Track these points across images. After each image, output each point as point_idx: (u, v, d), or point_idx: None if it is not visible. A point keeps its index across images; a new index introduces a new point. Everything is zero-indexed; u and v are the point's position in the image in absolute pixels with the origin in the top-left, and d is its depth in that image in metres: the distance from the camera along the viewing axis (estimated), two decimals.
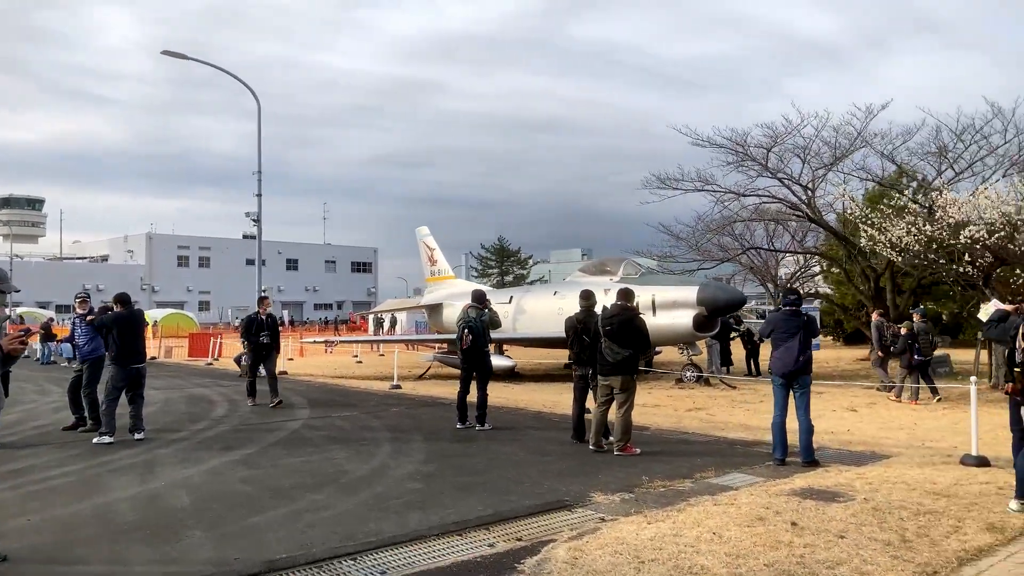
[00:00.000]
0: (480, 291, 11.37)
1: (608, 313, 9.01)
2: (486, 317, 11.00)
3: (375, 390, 16.72)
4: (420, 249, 28.23)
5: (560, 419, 11.94)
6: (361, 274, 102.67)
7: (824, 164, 22.65)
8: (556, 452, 9.08)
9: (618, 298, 9.20)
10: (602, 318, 9.02)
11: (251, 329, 13.81)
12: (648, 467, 8.10)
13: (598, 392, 9.18)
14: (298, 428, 11.17)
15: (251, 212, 23.10)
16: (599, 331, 9.02)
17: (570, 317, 9.86)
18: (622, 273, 20.04)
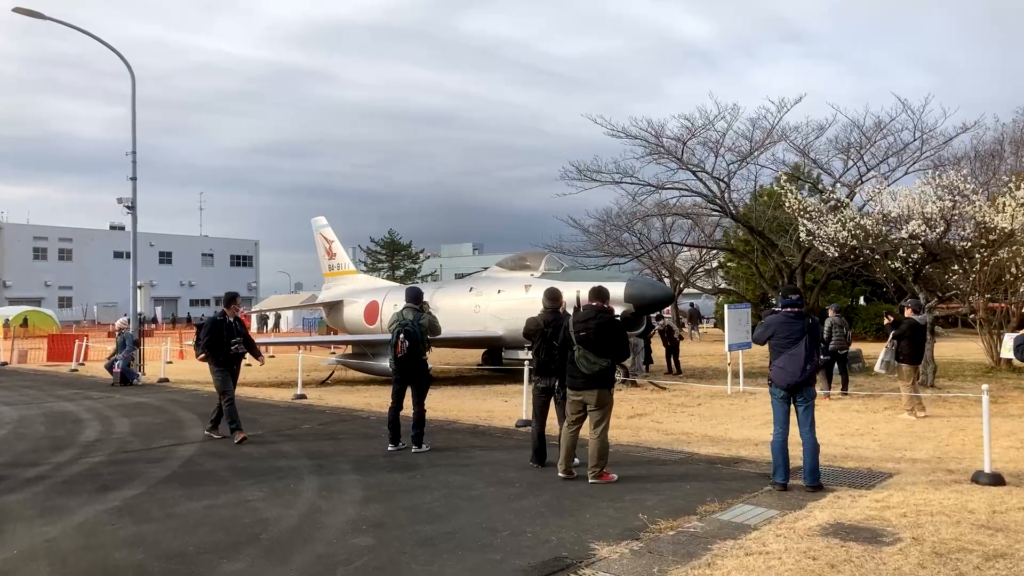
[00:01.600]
0: (417, 290, 9.77)
1: (582, 316, 7.65)
2: (425, 320, 9.42)
3: (276, 401, 14.73)
4: (316, 241, 26.05)
5: (503, 434, 10.51)
6: (241, 268, 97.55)
7: (740, 157, 22.28)
8: (521, 482, 7.64)
9: (590, 297, 7.85)
10: (574, 322, 7.65)
11: (220, 337, 10.36)
12: (638, 500, 6.80)
13: (567, 408, 7.81)
14: (192, 455, 9.23)
15: (124, 198, 20.34)
16: (569, 337, 7.64)
17: (534, 319, 8.42)
18: (544, 268, 18.85)
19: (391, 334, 9.36)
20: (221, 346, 10.30)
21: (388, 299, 21.81)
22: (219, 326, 10.42)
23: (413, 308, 9.53)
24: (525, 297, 18.47)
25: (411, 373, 9.35)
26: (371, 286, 24.14)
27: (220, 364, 10.37)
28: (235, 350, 10.42)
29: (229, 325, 10.48)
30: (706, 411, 13.13)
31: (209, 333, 10.37)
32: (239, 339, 10.47)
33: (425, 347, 9.42)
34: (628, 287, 17.07)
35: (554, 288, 8.62)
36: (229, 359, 10.46)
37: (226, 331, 10.39)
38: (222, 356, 10.35)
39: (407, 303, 9.60)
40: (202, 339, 10.44)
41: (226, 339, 10.35)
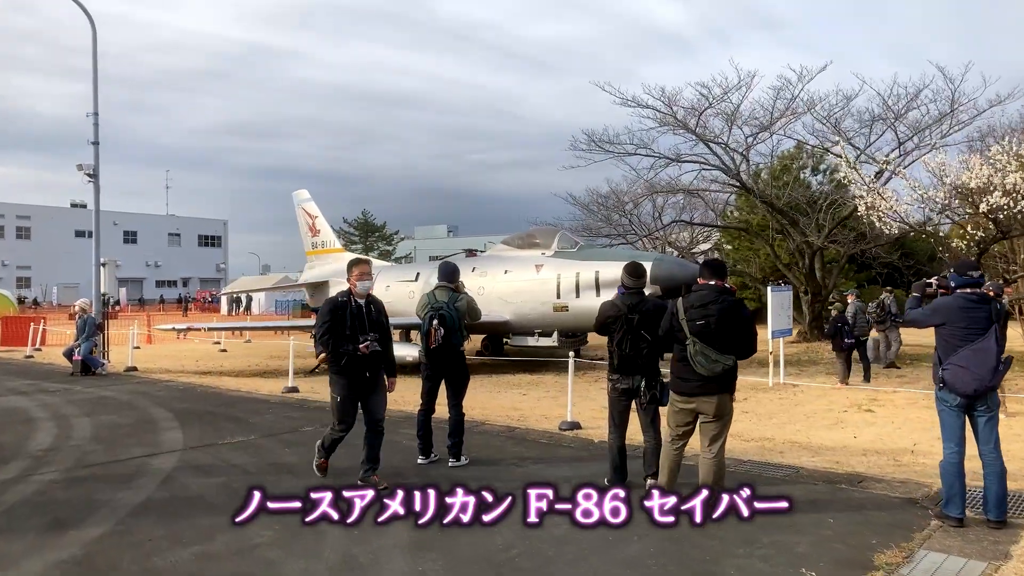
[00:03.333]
0: (451, 265, 7.93)
1: (697, 299, 5.87)
2: (462, 303, 7.60)
3: (264, 395, 12.81)
4: (298, 217, 23.96)
5: (549, 440, 8.76)
6: (209, 248, 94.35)
7: (759, 128, 20.64)
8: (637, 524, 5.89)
9: (703, 275, 6.08)
10: (687, 307, 5.88)
11: (342, 327, 6.65)
12: (782, 543, 5.09)
13: (672, 420, 6.07)
14: (172, 471, 7.34)
15: (85, 164, 18.10)
16: (677, 328, 5.88)
17: (611, 303, 6.63)
18: (557, 245, 17.08)
19: (422, 320, 7.54)
20: (343, 342, 6.60)
21: (380, 280, 19.87)
22: (340, 311, 6.65)
23: (447, 288, 7.71)
24: (536, 278, 16.72)
25: (447, 368, 7.54)
26: None
27: (343, 371, 6.66)
28: (366, 348, 6.55)
29: (359, 311, 6.68)
30: (758, 407, 11.54)
31: (327, 322, 6.67)
32: (373, 335, 6.63)
33: (463, 336, 7.61)
34: (655, 267, 15.35)
35: (637, 263, 6.82)
36: (357, 364, 6.61)
37: (352, 318, 6.61)
38: (346, 359, 6.63)
39: (440, 282, 7.78)
40: (318, 330, 6.79)
41: (350, 331, 6.59)
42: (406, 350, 16.39)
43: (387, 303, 19.34)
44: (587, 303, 15.92)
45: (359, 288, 6.83)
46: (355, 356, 6.59)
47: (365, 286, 6.88)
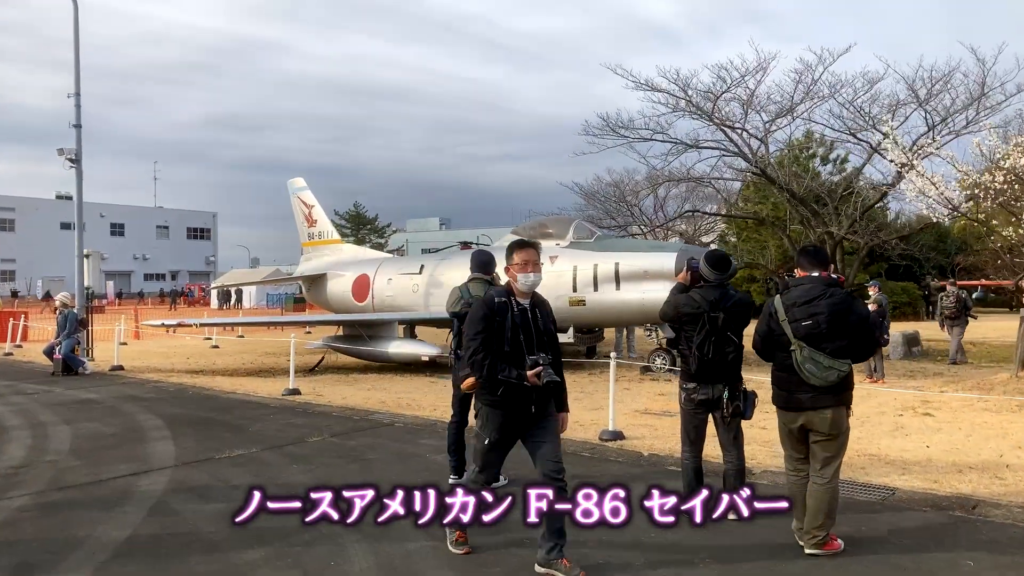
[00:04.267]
0: (486, 255, 6.86)
1: (803, 295, 4.85)
2: None
3: (263, 397, 11.72)
4: (294, 206, 22.81)
5: (592, 452, 7.73)
6: (198, 241, 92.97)
7: (784, 110, 19.65)
8: (700, 548, 4.88)
9: (802, 265, 5.06)
10: (788, 305, 4.87)
11: (496, 338, 4.49)
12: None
13: (785, 441, 5.05)
14: (163, 494, 6.28)
15: (66, 149, 16.90)
16: (776, 330, 4.87)
17: (687, 297, 5.58)
18: (572, 236, 16.05)
19: (454, 318, 6.48)
20: (503, 364, 4.45)
21: (381, 273, 18.82)
22: (499, 317, 4.51)
23: (483, 280, 6.66)
24: (550, 270, 15.62)
25: None
26: (360, 257, 21.08)
27: (499, 404, 4.54)
28: (537, 378, 4.40)
29: (524, 317, 4.57)
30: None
31: (480, 333, 4.50)
32: (545, 357, 4.48)
33: None
34: (680, 258, 14.38)
35: (720, 252, 5.79)
36: (521, 396, 4.48)
37: (514, 329, 4.50)
38: (502, 387, 4.48)
39: (474, 273, 6.72)
40: (468, 344, 4.59)
41: (511, 347, 4.47)
42: (416, 348, 15.37)
43: (389, 297, 18.46)
44: (606, 297, 14.92)
45: (523, 284, 4.58)
46: (520, 386, 4.43)
47: (531, 281, 4.57)
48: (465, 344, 4.68)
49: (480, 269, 6.70)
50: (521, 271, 4.63)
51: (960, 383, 13.13)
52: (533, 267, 4.62)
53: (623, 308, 14.92)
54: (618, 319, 15.69)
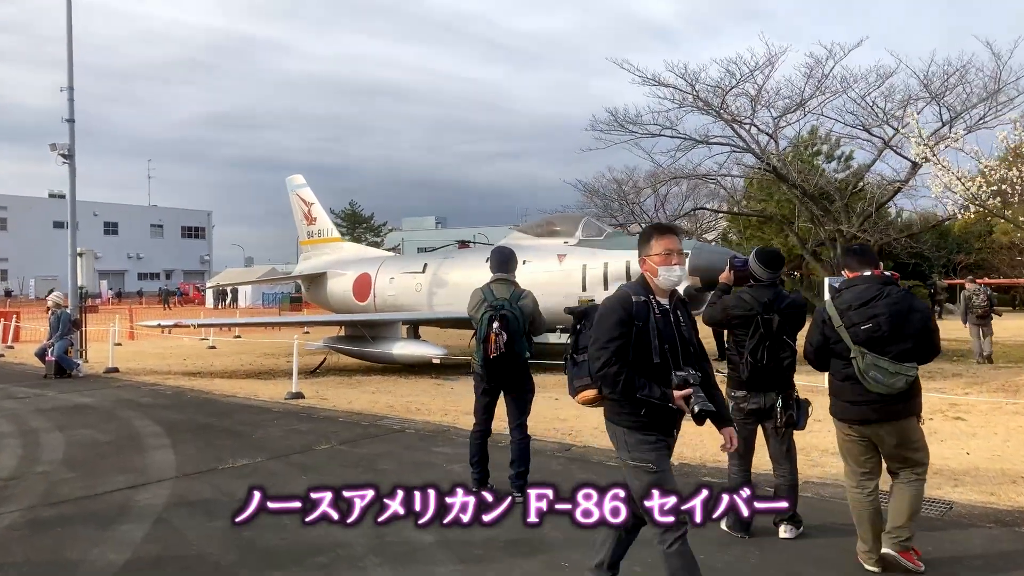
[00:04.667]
0: (507, 252, 6.38)
1: (857, 297, 4.42)
2: (528, 301, 6.06)
3: (264, 402, 11.25)
4: (292, 204, 22.32)
5: (619, 461, 7.26)
6: (193, 240, 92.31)
7: (794, 106, 19.25)
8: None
9: (851, 265, 4.63)
10: (844, 308, 4.43)
11: (638, 346, 3.56)
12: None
13: (847, 453, 4.61)
14: (164, 510, 5.82)
15: (59, 144, 16.40)
16: (832, 336, 4.44)
17: (736, 297, 5.14)
18: (581, 233, 15.61)
19: (478, 322, 6.02)
20: (644, 381, 3.55)
21: (383, 271, 18.35)
22: (640, 321, 3.58)
23: (507, 281, 6.19)
24: (558, 269, 15.24)
25: (507, 381, 6.03)
26: (361, 255, 20.61)
27: (645, 424, 3.60)
28: (684, 400, 3.55)
29: (666, 320, 3.66)
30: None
31: (616, 340, 3.56)
32: (695, 373, 3.63)
33: (529, 342, 6.09)
34: (694, 258, 13.96)
35: (772, 249, 5.35)
36: (663, 417, 3.62)
37: (658, 336, 3.58)
38: (645, 409, 3.58)
39: (496, 274, 6.25)
40: (598, 354, 3.60)
41: (658, 359, 3.57)
42: (422, 349, 14.91)
43: (391, 296, 18.01)
44: None
45: (665, 280, 3.66)
46: (664, 408, 3.57)
47: (676, 277, 3.69)
48: (592, 353, 3.63)
49: (502, 268, 6.25)
50: (663, 263, 3.63)
51: (983, 385, 12.76)
52: (678, 257, 3.66)
53: None
54: None
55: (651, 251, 3.69)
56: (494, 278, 6.22)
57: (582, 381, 3.83)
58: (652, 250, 3.69)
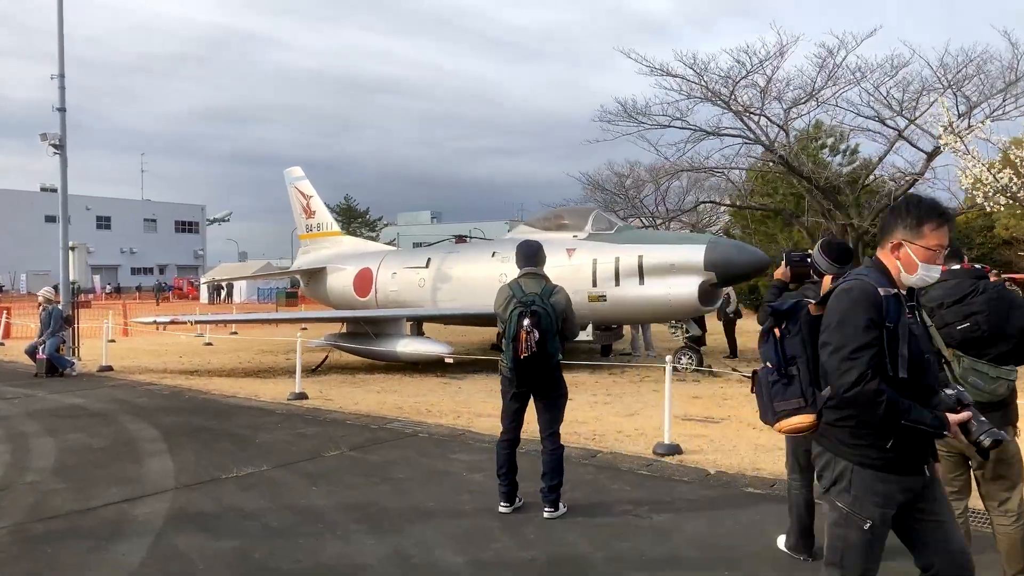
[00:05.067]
0: (534, 245, 5.88)
1: (949, 293, 3.94)
2: (560, 297, 5.57)
3: (267, 402, 10.73)
4: (291, 197, 21.75)
5: (648, 468, 6.78)
6: (187, 234, 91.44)
7: (805, 96, 18.78)
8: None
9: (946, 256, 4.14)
10: (933, 307, 3.94)
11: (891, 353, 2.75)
12: None
13: (946, 468, 4.12)
14: (163, 527, 5.32)
15: (50, 134, 15.80)
16: (922, 336, 3.89)
17: (799, 296, 4.65)
18: (591, 227, 15.12)
19: (506, 319, 5.52)
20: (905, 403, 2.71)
21: (385, 266, 17.84)
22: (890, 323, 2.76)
23: (537, 276, 5.70)
24: (567, 264, 14.72)
25: (538, 384, 5.54)
26: (361, 250, 20.07)
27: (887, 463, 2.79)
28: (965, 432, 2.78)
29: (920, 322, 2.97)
30: None
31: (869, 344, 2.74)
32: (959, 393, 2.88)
33: (561, 342, 5.60)
34: (709, 251, 13.51)
35: (839, 241, 4.85)
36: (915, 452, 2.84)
37: (912, 341, 2.81)
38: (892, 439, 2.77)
39: (524, 269, 5.75)
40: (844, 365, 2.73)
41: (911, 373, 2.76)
42: (429, 347, 14.39)
43: (394, 292, 17.49)
44: (628, 292, 14.02)
45: (920, 278, 2.88)
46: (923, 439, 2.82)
47: (932, 278, 2.91)
48: (835, 364, 2.76)
49: (530, 262, 5.75)
50: (929, 258, 2.84)
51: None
52: (941, 257, 2.88)
53: (647, 304, 14.02)
54: (641, 315, 14.80)
55: (920, 239, 2.82)
56: (522, 272, 5.72)
57: (789, 404, 2.93)
58: (922, 238, 2.83)
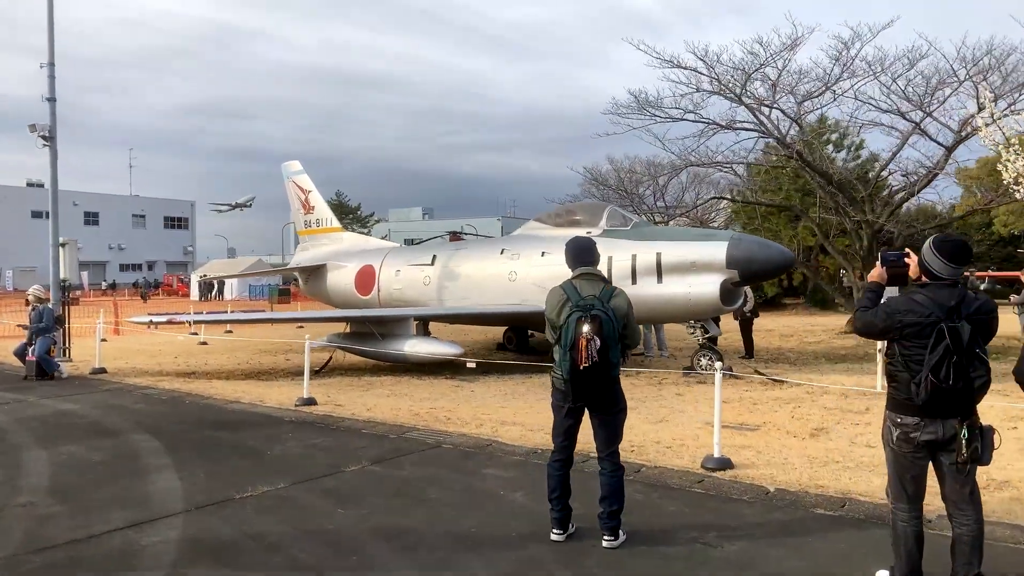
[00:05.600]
0: (588, 241, 5.29)
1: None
2: (621, 300, 4.99)
3: (272, 408, 10.11)
4: (288, 192, 21.08)
5: (701, 486, 6.21)
6: (176, 230, 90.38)
7: (824, 86, 18.27)
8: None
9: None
10: None
11: None
12: None
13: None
14: (177, 560, 4.71)
15: (39, 125, 15.05)
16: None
17: (906, 299, 4.04)
18: (606, 223, 14.55)
19: (560, 325, 4.93)
20: None
21: (388, 263, 17.23)
22: None
23: (595, 277, 5.12)
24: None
25: (596, 398, 4.94)
26: (363, 246, 19.43)
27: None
28: None
29: None
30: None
31: None
32: None
33: (622, 351, 5.02)
34: (732, 248, 12.96)
35: (956, 238, 4.26)
36: None
37: None
38: None
39: (579, 269, 5.16)
40: None
41: None
42: (438, 347, 13.79)
43: (397, 290, 16.86)
44: (646, 291, 13.43)
45: None
46: None
47: None
48: None
49: (584, 260, 5.17)
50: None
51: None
52: None
53: (666, 304, 13.46)
54: (660, 315, 14.24)
55: None
56: (577, 273, 5.14)
57: None
58: None
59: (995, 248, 40.99)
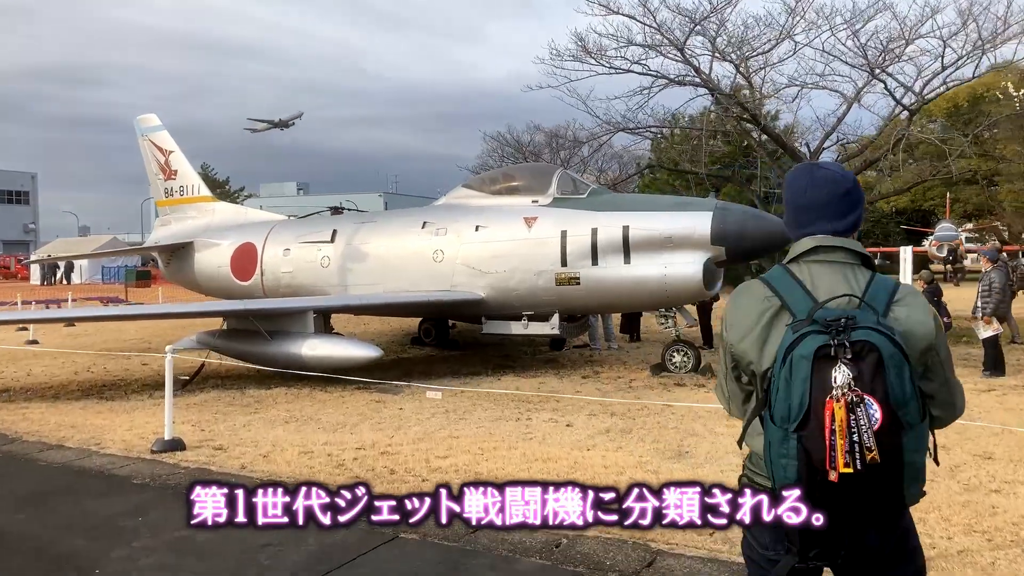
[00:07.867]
0: (834, 175, 2.41)
1: None
2: (919, 312, 2.10)
3: (113, 457, 6.69)
4: (144, 153, 16.93)
5: None
6: (15, 206, 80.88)
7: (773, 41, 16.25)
8: None
9: None
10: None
11: None
12: None
13: None
14: None
15: None
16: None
17: None
18: (556, 190, 11.78)
19: (759, 367, 2.06)
20: None
21: (274, 241, 13.78)
22: None
23: (847, 257, 2.22)
24: (527, 237, 11.40)
25: (864, 544, 2.10)
26: (242, 220, 15.72)
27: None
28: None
29: None
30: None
31: None
32: None
33: (927, 430, 2.18)
34: (719, 219, 10.50)
35: None
36: None
37: None
38: None
39: (814, 237, 2.24)
40: None
41: None
42: (352, 350, 10.58)
43: (287, 274, 13.33)
44: (610, 273, 10.87)
45: None
46: None
47: None
48: None
49: (832, 217, 2.26)
50: None
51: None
52: None
53: (635, 288, 10.92)
54: (628, 302, 11.71)
55: None
56: (807, 248, 2.27)
57: None
58: None
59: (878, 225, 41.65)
